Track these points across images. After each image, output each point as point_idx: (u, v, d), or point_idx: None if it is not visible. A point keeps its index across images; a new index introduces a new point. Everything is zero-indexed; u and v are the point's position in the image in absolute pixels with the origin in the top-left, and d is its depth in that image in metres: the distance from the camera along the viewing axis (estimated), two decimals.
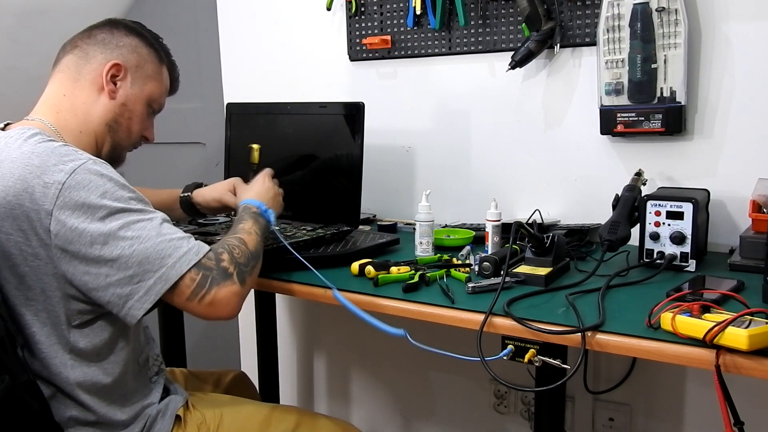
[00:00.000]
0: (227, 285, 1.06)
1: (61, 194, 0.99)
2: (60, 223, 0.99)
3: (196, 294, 1.04)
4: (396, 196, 1.87)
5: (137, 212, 1.04)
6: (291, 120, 1.67)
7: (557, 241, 1.26)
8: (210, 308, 1.06)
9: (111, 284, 1.02)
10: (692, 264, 1.28)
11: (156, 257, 1.02)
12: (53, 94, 1.19)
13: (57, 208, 0.99)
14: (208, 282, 1.05)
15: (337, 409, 2.15)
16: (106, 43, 1.20)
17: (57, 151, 1.03)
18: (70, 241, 1.00)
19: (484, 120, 1.72)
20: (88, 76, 1.18)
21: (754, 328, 0.86)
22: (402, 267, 1.27)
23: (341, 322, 2.06)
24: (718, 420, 0.88)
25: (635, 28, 1.43)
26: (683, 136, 1.48)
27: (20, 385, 0.97)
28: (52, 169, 1.01)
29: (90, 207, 1.00)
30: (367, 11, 1.82)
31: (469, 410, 1.90)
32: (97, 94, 1.19)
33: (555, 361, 1.00)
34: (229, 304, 1.07)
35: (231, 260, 1.09)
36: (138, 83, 1.22)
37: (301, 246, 1.38)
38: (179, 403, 1.24)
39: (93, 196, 1.01)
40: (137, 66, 1.22)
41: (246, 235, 1.18)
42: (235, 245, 1.13)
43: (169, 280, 1.03)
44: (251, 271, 1.13)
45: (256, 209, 1.27)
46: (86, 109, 1.18)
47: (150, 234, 1.03)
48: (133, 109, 1.22)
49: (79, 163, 1.02)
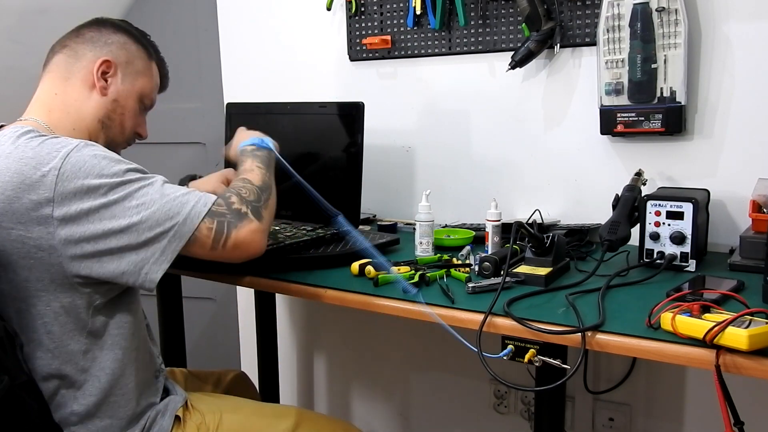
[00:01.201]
0: (245, 224, 1.09)
1: (59, 180, 1.01)
2: (64, 208, 1.01)
3: (217, 241, 1.07)
4: (396, 196, 1.87)
5: (136, 181, 1.05)
6: (291, 120, 1.67)
7: (557, 241, 1.26)
8: (236, 251, 1.09)
9: (125, 254, 1.04)
10: (692, 264, 1.28)
11: (165, 218, 1.04)
12: (45, 93, 1.20)
13: (57, 194, 1.01)
14: (225, 227, 1.08)
15: (337, 409, 2.15)
16: (94, 41, 1.21)
17: (49, 142, 1.05)
18: (77, 223, 1.02)
19: (484, 120, 1.72)
20: (79, 74, 1.19)
21: (754, 328, 0.86)
22: (402, 267, 1.27)
23: (341, 322, 2.06)
24: (718, 420, 0.88)
25: (635, 28, 1.43)
26: (683, 136, 1.48)
27: (20, 385, 0.97)
28: (46, 158, 1.02)
29: (90, 188, 1.02)
30: (367, 11, 1.82)
31: (469, 410, 1.90)
32: (89, 92, 1.20)
33: (555, 361, 1.00)
34: (254, 241, 1.10)
35: (241, 201, 1.12)
36: (128, 79, 1.23)
37: (301, 246, 1.38)
38: (179, 403, 1.24)
39: (90, 177, 1.02)
40: (127, 62, 1.23)
41: (248, 173, 1.20)
42: (240, 186, 1.15)
43: (184, 236, 1.05)
44: (265, 204, 1.16)
45: (251, 147, 1.29)
46: (78, 106, 1.19)
47: (154, 197, 1.05)
48: (125, 105, 1.23)
49: (71, 147, 1.04)
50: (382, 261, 1.23)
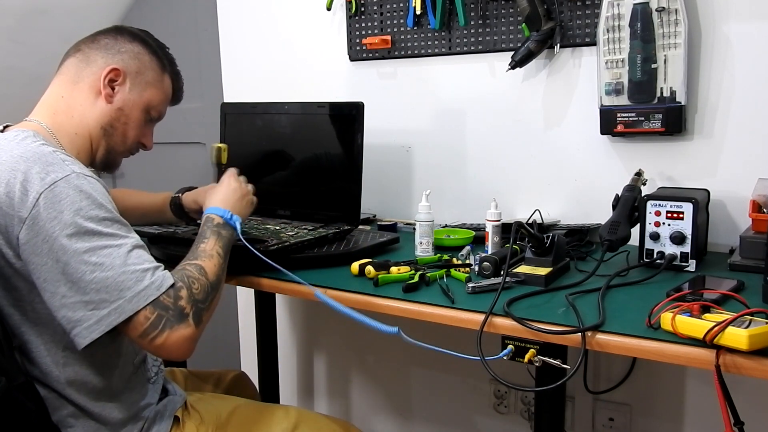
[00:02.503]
0: (181, 329, 1.02)
1: (37, 204, 0.98)
2: (30, 232, 0.98)
3: (147, 334, 1.00)
4: (396, 196, 1.87)
5: (107, 236, 1.01)
6: (290, 120, 1.67)
7: (557, 241, 1.26)
8: (160, 350, 1.02)
9: (64, 305, 0.99)
10: (692, 264, 1.28)
11: (115, 288, 0.99)
12: (52, 95, 1.19)
13: (30, 218, 0.98)
14: (162, 323, 1.01)
15: (337, 409, 2.15)
16: (108, 48, 1.20)
17: (44, 159, 1.02)
18: (35, 252, 0.98)
19: (484, 120, 1.72)
20: (87, 79, 1.18)
21: (754, 328, 0.86)
22: (402, 267, 1.27)
23: (341, 322, 2.06)
24: (718, 420, 0.88)
25: (635, 28, 1.43)
26: (683, 136, 1.48)
27: (17, 386, 0.97)
28: (35, 178, 1.00)
29: (60, 222, 0.98)
30: (367, 11, 1.82)
31: (469, 410, 1.90)
32: (95, 98, 1.18)
33: (555, 361, 1.00)
34: (180, 348, 1.03)
35: (189, 298, 1.04)
36: (137, 89, 1.22)
37: (305, 245, 1.38)
38: (178, 404, 1.24)
39: (66, 212, 0.99)
40: (137, 72, 1.22)
41: (207, 259, 1.13)
42: (194, 278, 1.08)
43: (124, 314, 0.99)
44: (209, 307, 1.09)
45: (219, 220, 1.22)
46: (82, 111, 1.18)
47: (114, 263, 0.99)
48: (129, 114, 1.22)
49: (62, 175, 1.01)
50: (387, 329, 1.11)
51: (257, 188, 1.41)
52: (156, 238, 1.49)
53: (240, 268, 1.32)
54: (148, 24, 1.32)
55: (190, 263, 1.11)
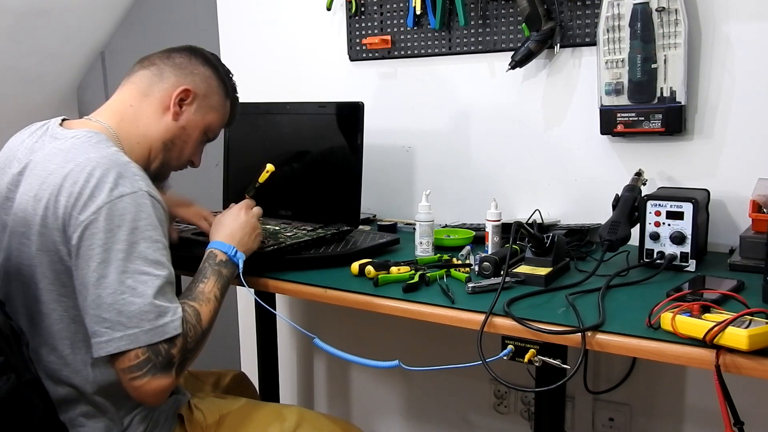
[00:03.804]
0: (162, 379, 1.02)
1: (99, 212, 1.01)
2: (81, 237, 1.01)
3: (130, 371, 1.01)
4: (396, 196, 1.87)
5: (151, 263, 1.03)
6: (290, 120, 1.67)
7: (557, 241, 1.26)
8: (135, 391, 1.02)
9: (88, 314, 1.02)
10: (692, 264, 1.28)
11: (135, 315, 1.00)
12: (120, 101, 1.22)
13: (88, 222, 1.01)
14: (146, 369, 1.01)
15: (337, 409, 2.15)
16: (182, 68, 1.24)
17: (118, 169, 1.05)
18: (81, 256, 1.02)
19: (484, 120, 1.72)
20: (158, 94, 1.22)
21: (754, 328, 0.86)
22: (402, 267, 1.27)
23: (341, 322, 2.06)
24: (718, 420, 0.88)
25: (635, 28, 1.43)
26: (683, 136, 1.48)
27: (25, 383, 0.97)
28: (105, 187, 1.03)
29: (114, 237, 1.01)
30: (367, 11, 1.82)
31: (469, 410, 1.90)
32: (162, 113, 1.22)
33: (555, 361, 1.00)
34: (154, 396, 1.03)
35: (182, 348, 1.04)
36: (201, 111, 1.26)
37: (301, 246, 1.38)
38: (182, 403, 1.24)
39: (124, 227, 1.02)
40: (205, 95, 1.26)
41: (204, 304, 1.12)
42: (191, 324, 1.08)
43: (133, 343, 1.00)
44: (194, 356, 1.10)
45: (222, 257, 1.20)
46: (148, 123, 1.21)
47: (146, 292, 1.01)
48: (190, 134, 1.25)
49: (129, 191, 1.04)
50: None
51: (258, 188, 1.41)
52: None
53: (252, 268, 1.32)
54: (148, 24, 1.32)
55: (188, 305, 1.10)
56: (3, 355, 0.93)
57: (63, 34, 2.20)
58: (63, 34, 2.20)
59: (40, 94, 2.35)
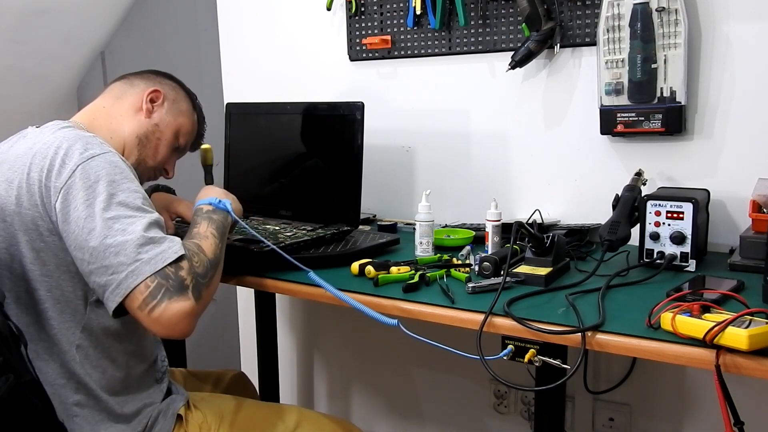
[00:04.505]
0: (179, 301, 1.00)
1: (73, 174, 1.04)
2: (64, 201, 1.04)
3: (146, 304, 0.99)
4: (396, 196, 1.87)
5: (134, 209, 1.05)
6: (291, 120, 1.67)
7: (557, 241, 1.26)
8: (156, 324, 1.00)
9: (92, 272, 1.02)
10: (692, 264, 1.28)
11: (133, 250, 1.00)
12: (94, 106, 1.29)
13: (66, 186, 1.04)
14: (161, 293, 1.00)
15: (337, 409, 2.15)
16: (151, 79, 1.34)
17: (85, 139, 1.10)
18: (67, 220, 1.03)
19: (484, 120, 1.72)
20: (130, 98, 1.29)
21: (754, 328, 0.86)
22: (402, 267, 1.27)
23: (341, 322, 2.06)
24: (718, 420, 0.88)
25: (635, 28, 1.43)
26: (683, 136, 1.48)
27: (25, 383, 0.97)
28: (74, 152, 1.06)
29: (93, 191, 1.03)
30: (367, 11, 1.82)
31: (469, 410, 1.90)
32: (134, 113, 1.28)
33: (555, 361, 1.00)
34: (179, 323, 1.01)
35: (189, 270, 1.04)
36: (172, 113, 1.33)
37: (301, 246, 1.38)
38: (180, 402, 1.24)
39: (101, 182, 1.04)
40: (174, 100, 1.34)
41: (203, 240, 1.13)
42: (194, 251, 1.08)
43: (141, 275, 0.99)
44: (209, 283, 1.08)
45: (208, 207, 1.22)
46: (121, 120, 1.27)
47: (136, 229, 1.02)
48: (163, 131, 1.31)
49: (99, 152, 1.08)
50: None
51: (258, 188, 1.41)
52: None
53: (240, 268, 1.32)
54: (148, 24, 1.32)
55: (187, 241, 1.12)
56: (2, 355, 0.92)
57: (63, 34, 2.20)
58: (63, 34, 2.20)
59: (40, 94, 2.36)
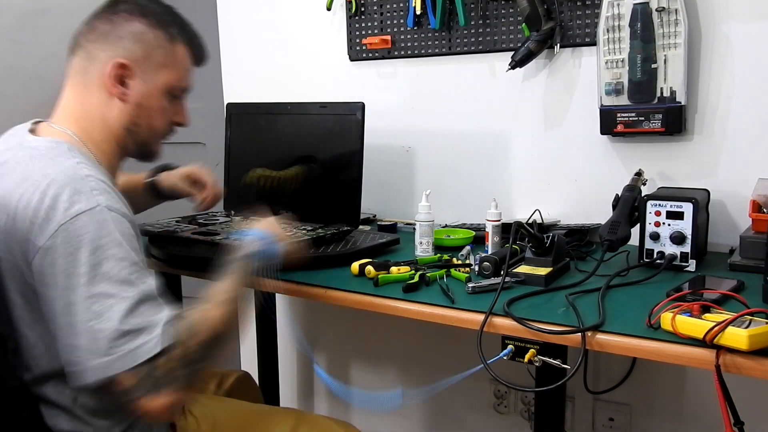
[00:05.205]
0: (155, 398, 0.93)
1: (55, 235, 0.93)
2: (42, 263, 0.94)
3: (118, 395, 0.93)
4: (396, 196, 1.87)
5: (118, 283, 0.94)
6: (291, 120, 1.67)
7: (557, 241, 1.26)
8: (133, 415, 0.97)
9: (60, 341, 0.95)
10: (692, 264, 1.28)
11: (106, 342, 0.91)
12: (70, 102, 1.12)
13: (45, 248, 0.93)
14: (133, 388, 0.92)
15: (337, 409, 2.15)
16: (107, 37, 1.09)
17: (74, 185, 0.96)
18: (45, 283, 0.94)
19: (483, 120, 1.72)
20: (96, 80, 1.09)
21: (754, 328, 0.86)
22: (402, 267, 1.27)
23: (341, 322, 2.06)
24: (718, 420, 0.88)
25: (635, 28, 1.43)
26: (683, 136, 1.48)
27: (10, 390, 0.94)
28: (60, 206, 0.94)
29: (75, 260, 0.93)
30: (367, 11, 1.82)
31: (469, 410, 1.90)
32: (109, 98, 1.10)
33: (555, 361, 1.00)
34: (157, 416, 0.95)
35: (174, 362, 0.94)
36: (149, 76, 1.11)
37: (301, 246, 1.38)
38: None
39: (84, 249, 0.93)
40: (145, 57, 1.09)
41: (214, 308, 1.02)
42: (193, 331, 0.97)
43: (107, 372, 0.92)
44: (205, 366, 1.00)
45: (251, 248, 1.13)
46: (102, 115, 1.10)
47: (113, 317, 0.92)
48: (150, 106, 1.12)
49: (86, 207, 0.95)
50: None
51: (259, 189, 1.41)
52: (156, 237, 1.49)
53: None
54: None
55: (193, 311, 1.02)
56: None
57: (63, 34, 2.19)
58: (63, 34, 2.19)
59: (40, 94, 2.34)
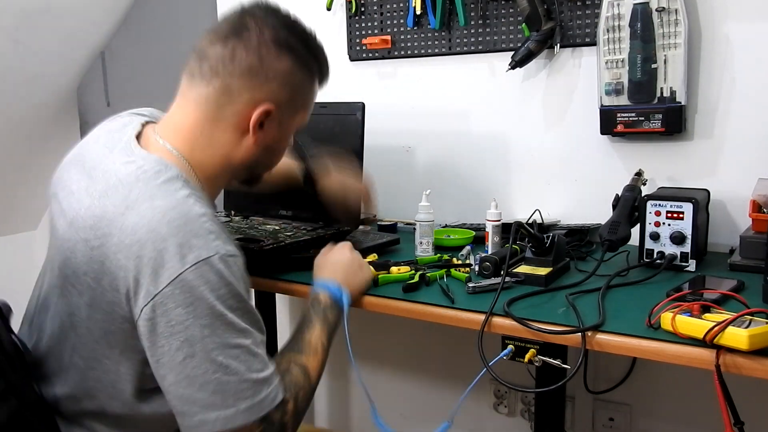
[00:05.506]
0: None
1: (172, 284, 0.88)
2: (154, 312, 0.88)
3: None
4: (396, 196, 1.87)
5: (239, 333, 0.91)
6: None
7: (557, 241, 1.26)
8: None
9: (175, 393, 0.91)
10: (692, 264, 1.28)
11: (232, 395, 0.90)
12: (188, 127, 1.03)
13: (160, 295, 0.88)
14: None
15: (336, 410, 2.15)
16: (254, 76, 1.00)
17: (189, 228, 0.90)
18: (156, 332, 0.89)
19: (484, 120, 1.72)
20: (232, 119, 1.02)
21: (754, 328, 0.86)
22: (402, 267, 1.27)
23: None
24: (718, 420, 0.88)
25: (635, 28, 1.43)
26: (683, 136, 1.48)
27: (27, 405, 0.91)
28: (173, 252, 0.88)
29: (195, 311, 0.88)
30: (367, 11, 1.82)
31: (469, 410, 1.89)
32: (240, 137, 1.03)
33: (555, 361, 1.00)
34: None
35: (293, 412, 0.96)
36: (286, 119, 1.07)
37: (301, 246, 1.38)
38: None
39: (204, 300, 0.88)
40: (289, 100, 1.05)
41: (312, 356, 1.04)
42: (300, 386, 0.99)
43: (232, 423, 0.90)
44: (305, 411, 1.02)
45: (327, 300, 1.12)
46: (226, 152, 1.04)
47: (240, 368, 0.90)
48: (276, 149, 1.10)
49: (205, 255, 0.89)
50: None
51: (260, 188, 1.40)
52: None
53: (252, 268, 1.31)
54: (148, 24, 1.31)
55: (295, 363, 1.02)
56: (4, 376, 0.87)
57: (63, 34, 2.20)
58: (63, 34, 2.20)
59: (40, 94, 2.35)
